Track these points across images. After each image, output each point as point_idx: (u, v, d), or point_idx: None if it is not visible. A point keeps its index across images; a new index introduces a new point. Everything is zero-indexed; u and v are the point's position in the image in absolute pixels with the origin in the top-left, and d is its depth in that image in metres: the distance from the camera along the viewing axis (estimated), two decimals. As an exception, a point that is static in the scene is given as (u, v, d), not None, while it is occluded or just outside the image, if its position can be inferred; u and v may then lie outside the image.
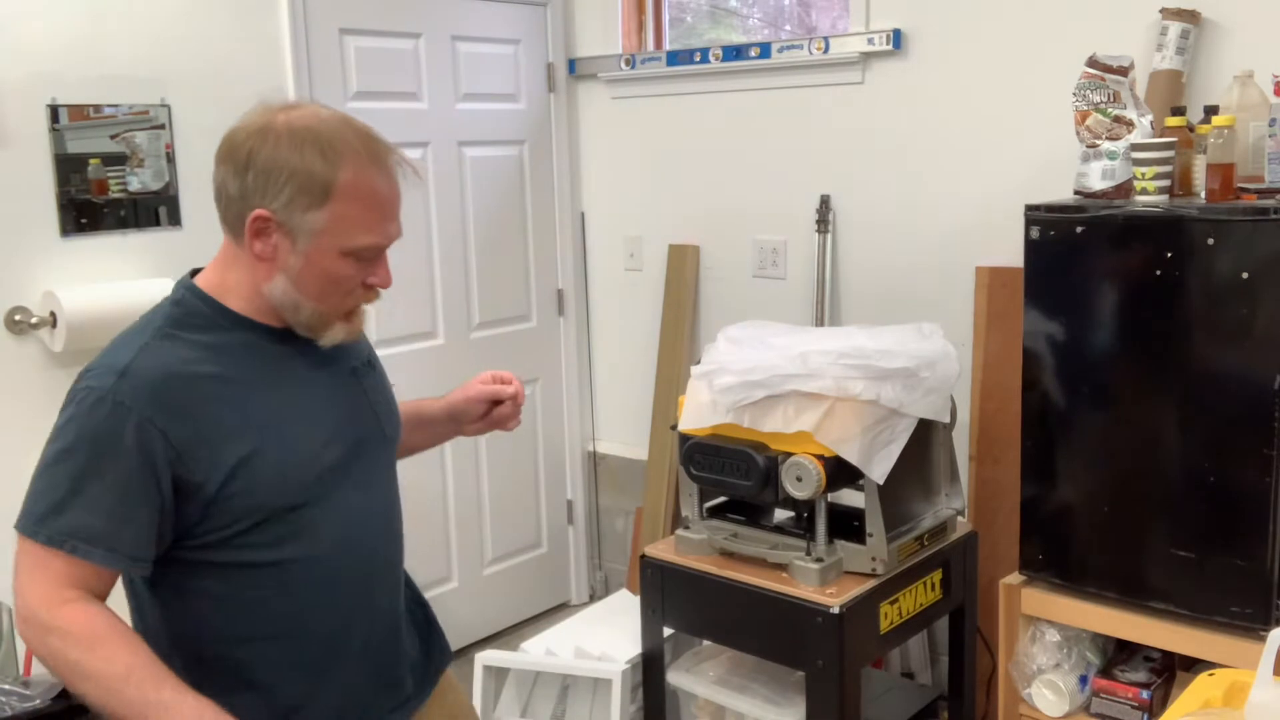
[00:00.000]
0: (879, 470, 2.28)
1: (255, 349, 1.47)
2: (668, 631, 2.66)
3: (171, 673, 1.35)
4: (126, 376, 1.37)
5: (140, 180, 2.80)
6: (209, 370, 1.41)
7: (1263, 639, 1.82)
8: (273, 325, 1.49)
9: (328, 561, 1.47)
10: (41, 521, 1.38)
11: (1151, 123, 2.33)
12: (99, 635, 1.34)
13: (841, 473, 2.28)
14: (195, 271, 1.60)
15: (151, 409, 1.36)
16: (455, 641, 2.25)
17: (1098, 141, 2.32)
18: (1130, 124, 2.30)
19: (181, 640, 1.46)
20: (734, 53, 3.36)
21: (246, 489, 1.40)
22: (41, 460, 1.44)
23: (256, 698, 1.46)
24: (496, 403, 1.84)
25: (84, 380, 1.40)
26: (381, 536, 1.59)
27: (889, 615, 2.39)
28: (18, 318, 2.60)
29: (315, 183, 1.40)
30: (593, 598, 4.00)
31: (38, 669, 2.57)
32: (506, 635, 3.74)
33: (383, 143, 1.49)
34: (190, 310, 1.47)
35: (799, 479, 2.27)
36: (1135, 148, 2.26)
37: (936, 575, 2.52)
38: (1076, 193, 2.38)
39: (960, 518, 2.63)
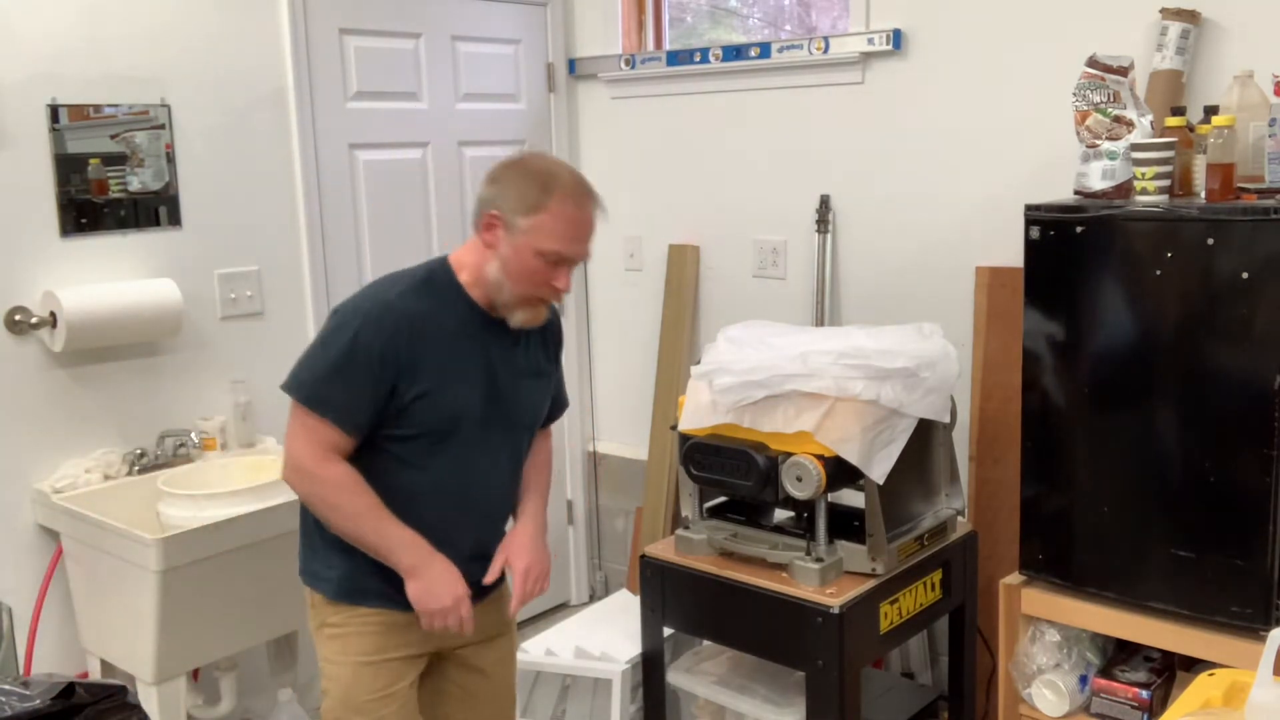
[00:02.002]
0: (879, 470, 2.28)
1: (467, 320, 1.97)
2: (668, 631, 2.66)
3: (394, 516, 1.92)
4: (389, 309, 1.90)
5: (140, 180, 2.80)
6: (435, 324, 1.94)
7: (1263, 639, 1.82)
8: (484, 308, 1.99)
9: (445, 489, 1.99)
10: (304, 386, 1.90)
11: (1151, 123, 2.33)
12: (350, 484, 1.90)
13: (841, 473, 2.28)
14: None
15: (397, 335, 1.89)
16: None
17: (1098, 141, 2.32)
18: (1130, 124, 2.30)
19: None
20: (734, 53, 3.36)
21: (420, 411, 1.92)
22: (312, 344, 1.95)
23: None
24: None
25: (357, 301, 1.94)
26: (489, 495, 2.07)
27: (889, 615, 2.39)
28: (18, 318, 2.60)
29: (532, 199, 1.91)
30: (593, 598, 4.00)
31: (38, 669, 2.58)
32: (506, 635, 3.73)
33: (589, 189, 1.98)
34: (436, 277, 1.98)
35: (799, 479, 2.27)
36: (1135, 148, 2.26)
37: (936, 575, 2.52)
38: (1076, 193, 2.38)
39: (960, 518, 2.64)
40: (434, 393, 1.92)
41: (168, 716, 2.45)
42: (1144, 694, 2.37)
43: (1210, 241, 2.10)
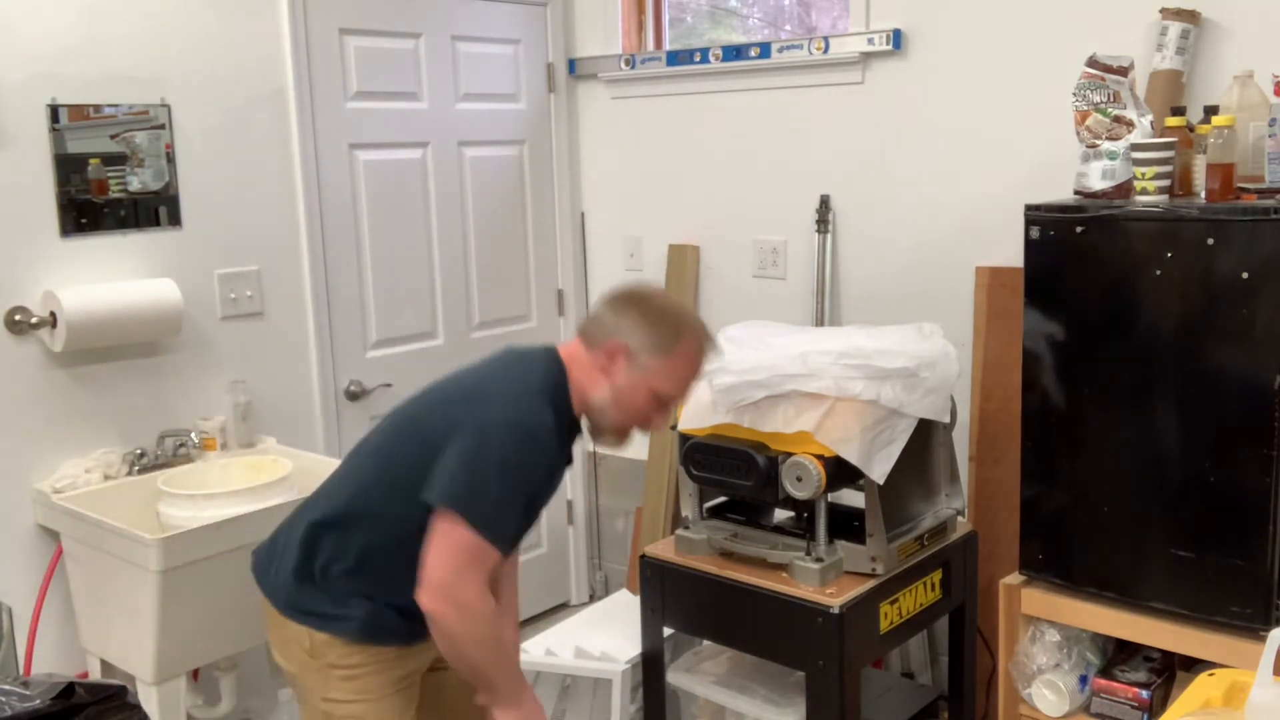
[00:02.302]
0: (879, 470, 2.28)
1: (566, 429, 1.98)
2: (668, 631, 2.66)
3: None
4: (541, 423, 1.89)
5: (140, 180, 2.80)
6: (557, 433, 1.93)
7: (1263, 639, 1.82)
8: (575, 416, 2.01)
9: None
10: (487, 518, 1.84)
11: (1151, 123, 2.33)
12: (494, 614, 1.90)
13: (841, 473, 2.28)
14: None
15: (549, 452, 1.91)
16: (455, 641, 2.25)
17: (1098, 141, 2.32)
18: (1130, 124, 2.29)
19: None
20: (734, 53, 3.36)
21: (527, 513, 1.95)
22: (484, 465, 1.85)
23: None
24: None
25: (510, 415, 1.88)
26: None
27: (889, 615, 2.39)
28: (18, 318, 2.60)
29: (663, 342, 1.94)
30: (593, 598, 4.00)
31: (38, 669, 2.58)
32: (506, 635, 3.73)
33: (712, 338, 2.03)
34: (555, 384, 1.97)
35: (799, 479, 2.27)
36: (1135, 148, 2.26)
37: (936, 575, 2.52)
38: (1076, 193, 2.38)
39: (960, 518, 2.64)
40: (536, 501, 1.96)
41: (168, 716, 2.45)
42: (1144, 694, 2.37)
43: (1210, 241, 2.10)
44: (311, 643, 1.97)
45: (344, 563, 1.95)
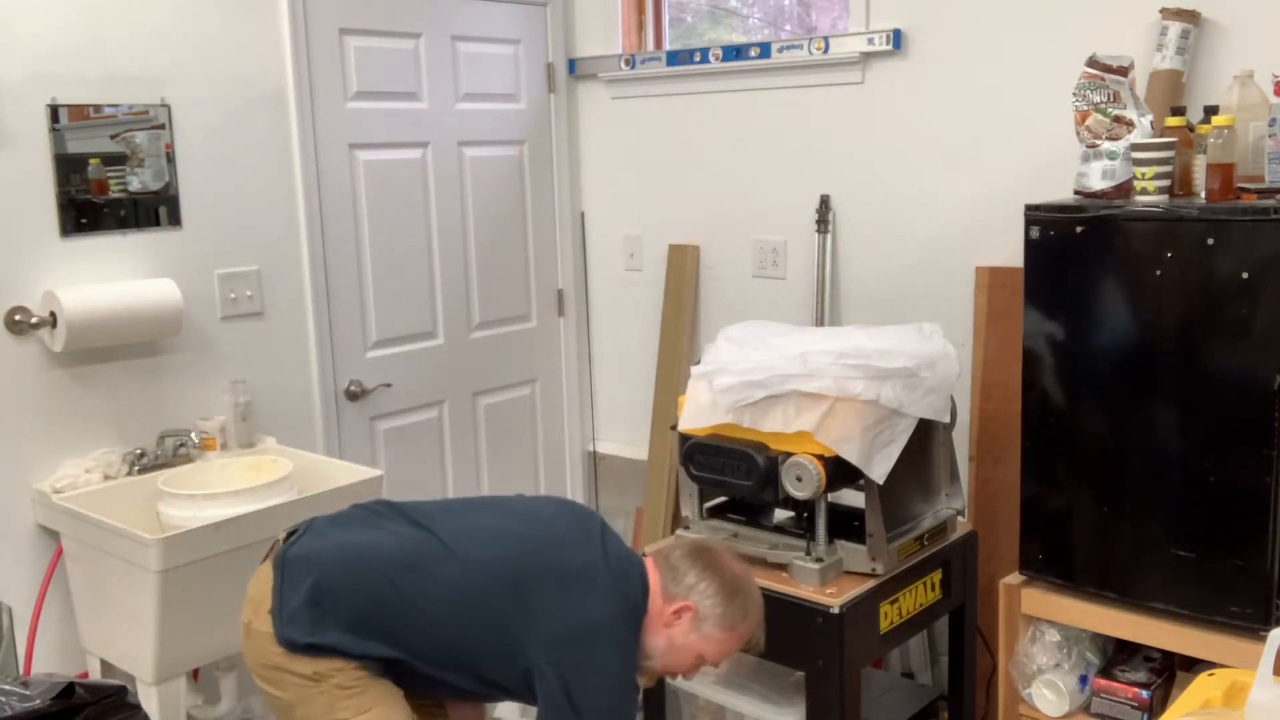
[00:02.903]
0: (879, 470, 2.28)
1: None
2: (668, 631, 2.66)
3: None
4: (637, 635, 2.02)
5: (140, 180, 2.80)
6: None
7: (1263, 639, 1.82)
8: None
9: None
10: None
11: (1151, 123, 2.33)
12: None
13: (841, 473, 2.28)
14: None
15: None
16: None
17: (1098, 141, 2.32)
18: (1130, 124, 2.30)
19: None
20: (734, 53, 3.36)
21: None
22: (613, 689, 1.95)
23: None
24: None
25: (618, 666, 1.96)
26: None
27: (889, 615, 2.39)
28: (18, 318, 2.60)
29: (731, 620, 2.02)
30: (593, 598, 4.00)
31: (38, 669, 2.58)
32: (506, 635, 3.73)
33: (763, 614, 2.10)
34: (638, 611, 2.02)
35: (799, 479, 2.27)
36: (1135, 148, 2.26)
37: (936, 575, 2.52)
38: (1076, 193, 2.38)
39: (960, 518, 2.63)
40: None
41: (168, 716, 2.45)
42: (1144, 694, 2.37)
43: (1210, 241, 2.10)
44: (315, 670, 1.93)
45: (378, 647, 1.95)
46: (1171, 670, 2.44)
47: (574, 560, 1.98)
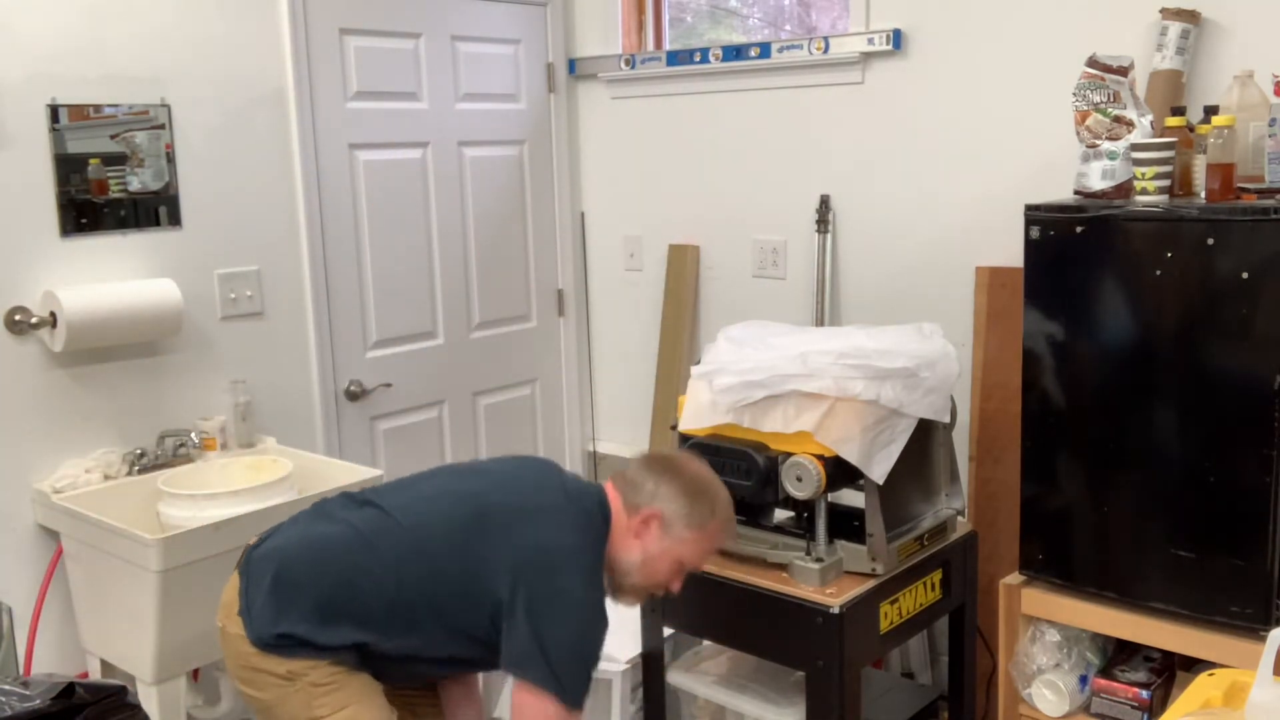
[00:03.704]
0: (879, 470, 2.28)
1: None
2: (668, 631, 2.66)
3: None
4: (602, 598, 1.98)
5: (140, 180, 2.80)
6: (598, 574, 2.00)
7: (1263, 639, 1.82)
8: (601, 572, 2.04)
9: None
10: (580, 689, 1.90)
11: (1151, 123, 2.33)
12: None
13: (841, 473, 2.28)
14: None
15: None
16: (455, 641, 2.27)
17: (1098, 141, 2.32)
18: (1130, 124, 2.29)
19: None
20: (734, 53, 3.36)
21: None
22: (571, 630, 1.92)
23: None
24: None
25: (581, 590, 1.93)
26: None
27: (889, 615, 2.39)
28: (18, 318, 2.60)
29: (699, 517, 2.03)
30: (593, 598, 4.00)
31: (38, 669, 2.58)
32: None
33: (733, 511, 2.11)
34: (600, 535, 2.02)
35: (799, 479, 2.27)
36: (1135, 148, 2.26)
37: (936, 575, 2.52)
38: (1076, 193, 2.38)
39: (960, 518, 2.63)
40: None
41: (168, 716, 2.45)
42: (1144, 694, 2.37)
43: (1210, 241, 2.10)
44: (288, 669, 1.94)
45: (344, 630, 1.94)
46: (1171, 670, 2.44)
47: (532, 499, 2.01)
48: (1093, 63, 2.32)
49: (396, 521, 1.99)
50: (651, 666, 2.66)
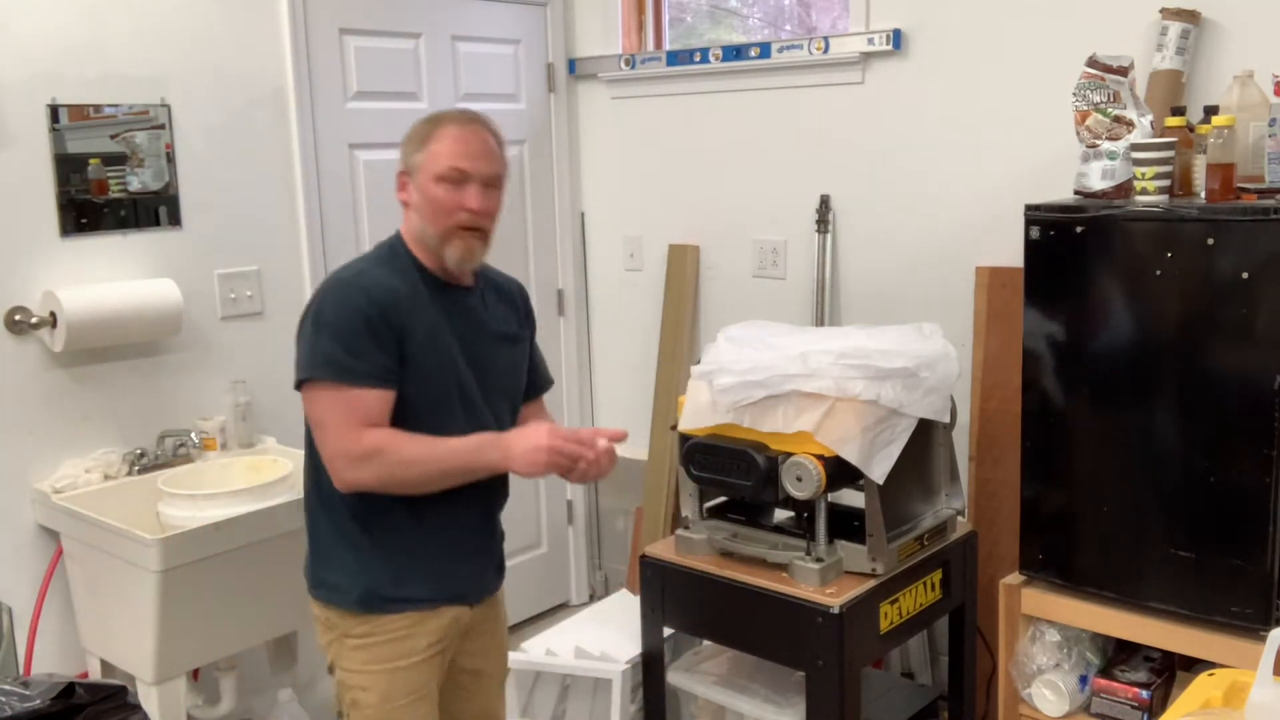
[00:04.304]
0: (879, 470, 2.28)
1: (429, 290, 1.99)
2: (668, 631, 2.66)
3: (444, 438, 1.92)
4: (364, 275, 1.95)
5: (140, 180, 2.80)
6: (406, 297, 1.94)
7: (1263, 639, 1.82)
8: (439, 275, 2.01)
9: None
10: (328, 363, 1.86)
11: (1151, 123, 2.33)
12: (397, 436, 1.88)
13: (841, 473, 2.28)
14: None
15: (383, 298, 1.91)
16: (455, 641, 2.25)
17: (1098, 141, 2.32)
18: (1130, 124, 2.30)
19: None
20: (734, 53, 3.36)
21: (410, 383, 1.92)
22: (306, 334, 1.91)
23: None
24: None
25: (330, 283, 1.95)
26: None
27: (889, 615, 2.39)
28: (18, 318, 2.60)
29: (420, 136, 2.00)
30: (593, 598, 4.00)
31: (38, 669, 2.58)
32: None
33: (477, 115, 2.03)
34: (397, 252, 2.02)
35: (799, 479, 2.27)
36: (1135, 148, 2.26)
37: (936, 575, 2.52)
38: (1076, 193, 2.38)
39: (960, 518, 2.63)
40: (419, 363, 1.93)
41: (168, 716, 2.45)
42: (1144, 694, 2.37)
43: (1210, 241, 2.10)
44: (323, 616, 2.01)
45: (325, 516, 1.99)
46: (1171, 670, 2.44)
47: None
48: (1093, 63, 2.32)
49: None
50: (651, 666, 2.66)
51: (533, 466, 1.89)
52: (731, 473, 2.36)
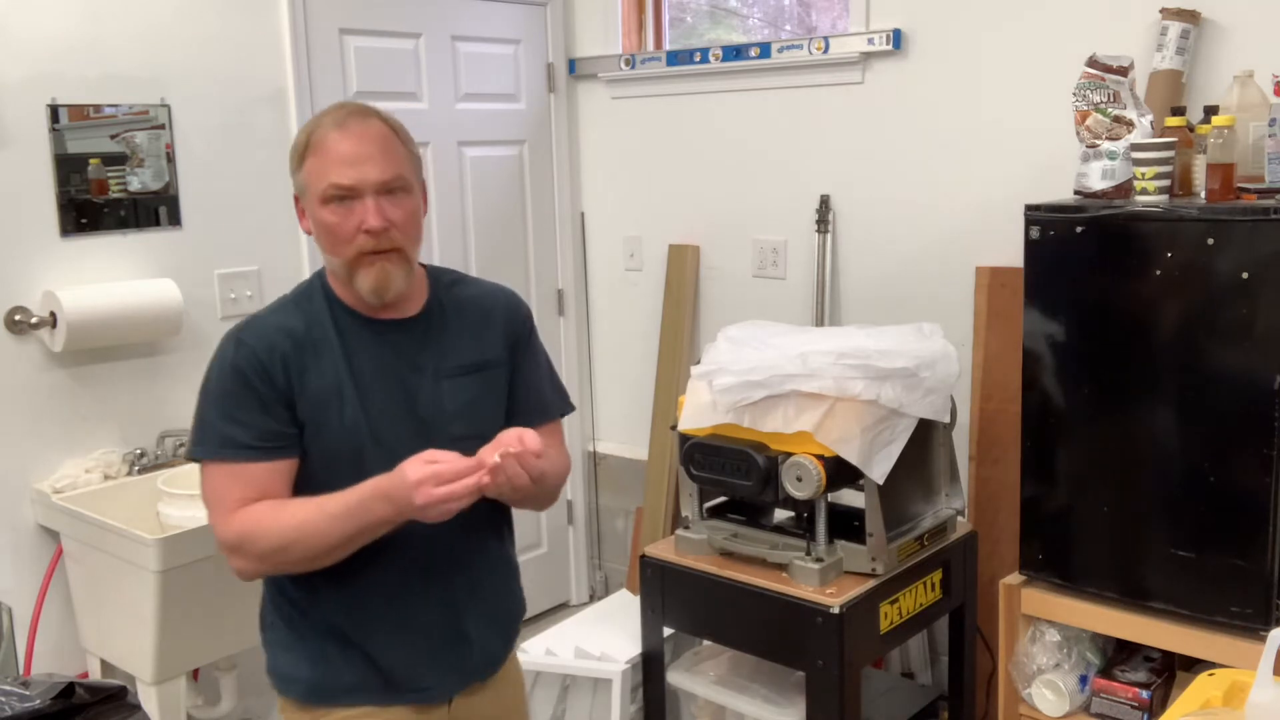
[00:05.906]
0: (879, 470, 2.28)
1: (350, 330, 1.71)
2: (668, 631, 2.66)
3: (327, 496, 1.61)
4: (247, 328, 1.68)
5: (140, 180, 2.80)
6: (311, 341, 1.68)
7: (1263, 639, 1.82)
8: (364, 312, 1.71)
9: (383, 542, 1.65)
10: (206, 439, 1.65)
11: (1151, 123, 2.33)
12: (271, 509, 1.61)
13: (841, 473, 2.28)
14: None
15: (269, 351, 1.65)
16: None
17: (1098, 141, 2.32)
18: (1130, 124, 2.29)
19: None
20: (734, 53, 3.36)
21: (312, 440, 1.66)
22: (199, 395, 1.71)
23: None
24: None
25: (219, 345, 1.70)
26: (441, 535, 1.69)
27: (889, 615, 2.39)
28: (18, 318, 2.60)
29: (296, 151, 1.68)
30: (593, 598, 4.00)
31: (38, 669, 2.58)
32: (506, 635, 3.73)
33: (355, 109, 1.69)
34: (312, 292, 1.74)
35: (799, 479, 2.27)
36: (1135, 148, 2.26)
37: (936, 575, 2.52)
38: (1076, 193, 2.38)
39: (960, 518, 2.63)
40: (315, 422, 1.66)
41: (168, 716, 2.45)
42: (1144, 694, 2.37)
43: (1210, 241, 2.10)
44: (280, 706, 1.82)
45: (268, 597, 1.77)
46: (1171, 670, 2.44)
47: None
48: (1093, 63, 2.32)
49: None
50: (651, 666, 2.66)
51: (427, 509, 1.53)
52: (731, 473, 2.36)
